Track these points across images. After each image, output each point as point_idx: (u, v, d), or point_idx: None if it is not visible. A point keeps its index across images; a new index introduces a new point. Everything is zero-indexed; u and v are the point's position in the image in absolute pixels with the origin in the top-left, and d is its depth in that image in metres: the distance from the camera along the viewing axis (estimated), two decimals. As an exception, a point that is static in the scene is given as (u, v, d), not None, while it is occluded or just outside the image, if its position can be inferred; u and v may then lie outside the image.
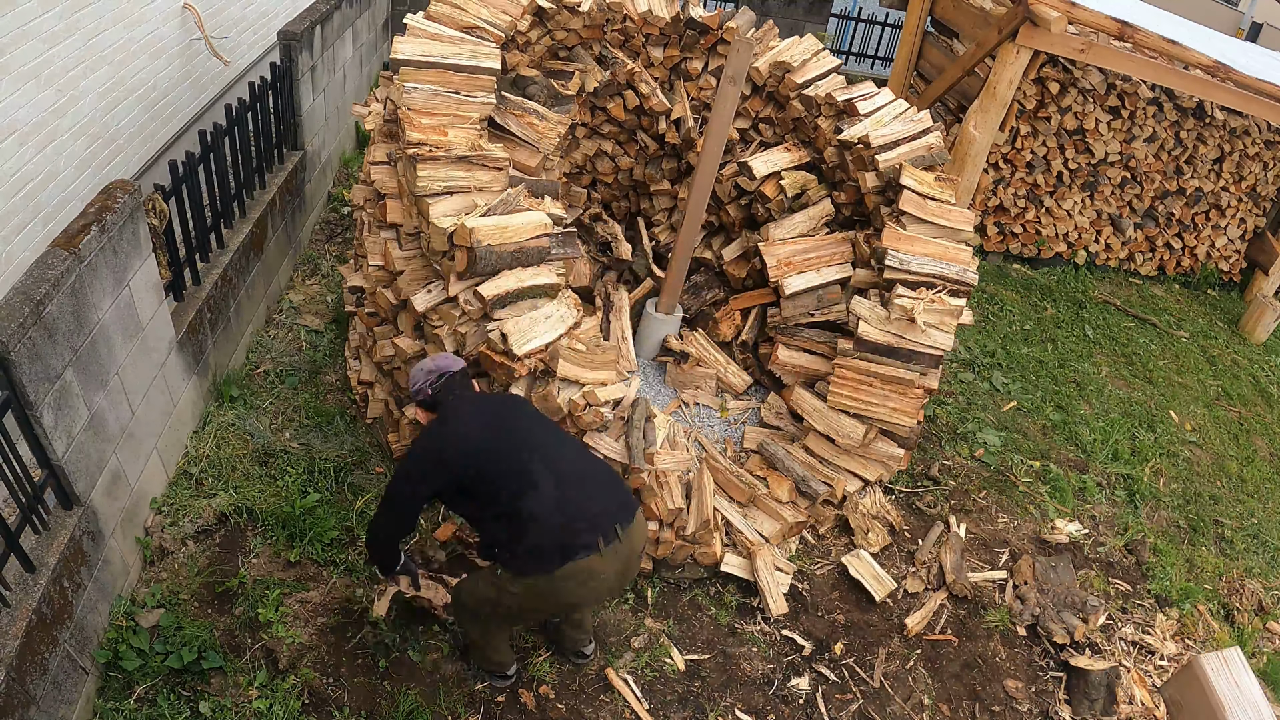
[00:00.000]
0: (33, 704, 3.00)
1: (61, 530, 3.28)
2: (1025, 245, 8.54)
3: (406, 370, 4.51)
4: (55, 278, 3.09)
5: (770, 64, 5.72)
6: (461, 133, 4.33)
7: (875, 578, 4.78)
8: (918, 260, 4.83)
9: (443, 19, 4.87)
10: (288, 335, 5.55)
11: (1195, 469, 6.45)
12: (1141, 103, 8.04)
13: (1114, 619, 4.99)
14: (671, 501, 4.28)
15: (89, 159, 5.03)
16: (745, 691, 4.17)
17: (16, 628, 2.94)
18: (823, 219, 5.64)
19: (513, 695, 3.87)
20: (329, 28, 6.57)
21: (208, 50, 6.21)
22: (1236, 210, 9.07)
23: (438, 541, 4.41)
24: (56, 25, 4.59)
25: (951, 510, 5.38)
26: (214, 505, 4.24)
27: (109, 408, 3.58)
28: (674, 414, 5.31)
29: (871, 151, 5.28)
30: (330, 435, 4.87)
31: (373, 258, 4.63)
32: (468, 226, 3.90)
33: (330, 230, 6.75)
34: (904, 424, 4.79)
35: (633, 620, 4.34)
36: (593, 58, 5.79)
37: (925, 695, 4.36)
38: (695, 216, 5.53)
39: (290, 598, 4.00)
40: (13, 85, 4.28)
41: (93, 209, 3.46)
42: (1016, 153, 8.01)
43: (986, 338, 7.21)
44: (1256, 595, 5.45)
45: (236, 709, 3.54)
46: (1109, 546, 5.46)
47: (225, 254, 4.89)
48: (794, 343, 5.30)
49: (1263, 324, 8.63)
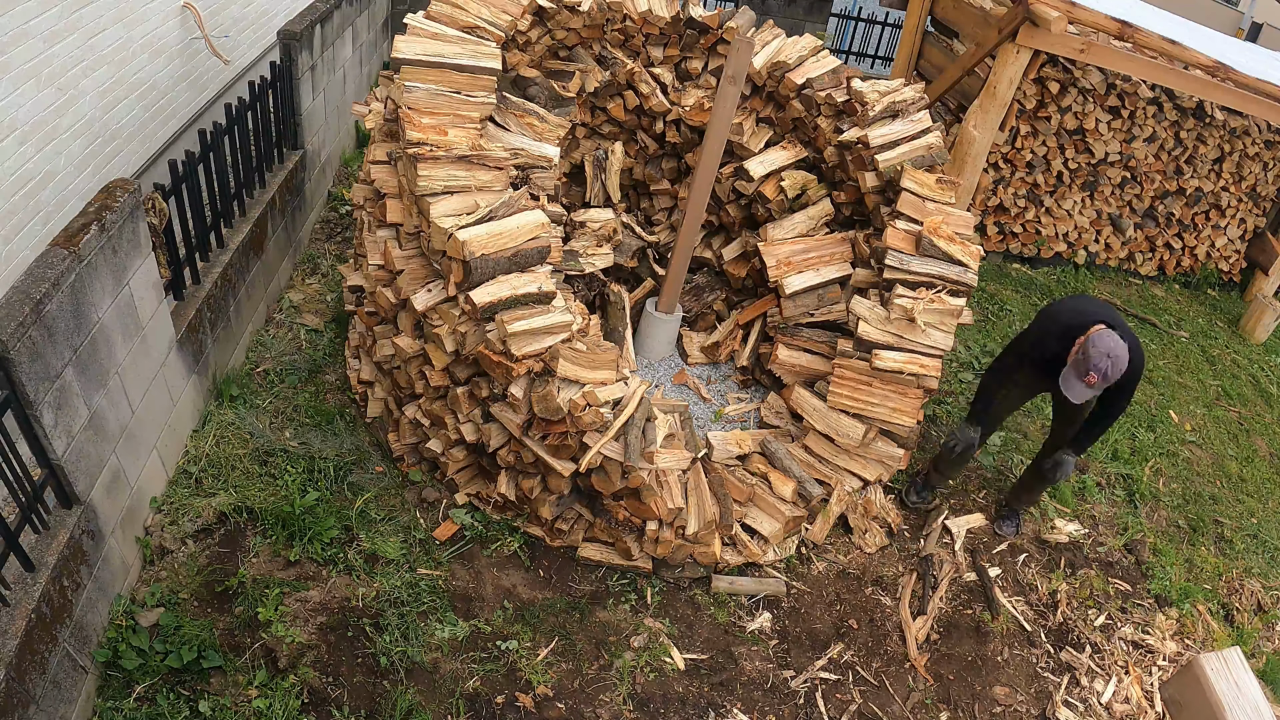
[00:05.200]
0: (32, 703, 3.00)
1: (61, 529, 3.28)
2: (1025, 245, 8.54)
3: (406, 370, 4.52)
4: (55, 277, 3.09)
5: (770, 63, 5.72)
6: (462, 132, 4.33)
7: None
8: (917, 260, 4.83)
9: (443, 18, 4.87)
10: (287, 334, 5.55)
11: (1195, 469, 6.45)
12: (1141, 103, 8.04)
13: (1113, 619, 4.99)
14: (671, 501, 4.28)
15: (89, 158, 5.03)
16: (745, 691, 4.17)
17: (16, 627, 2.94)
18: (822, 219, 5.65)
19: (512, 695, 3.87)
20: (329, 27, 6.57)
21: (207, 49, 6.20)
22: (1236, 210, 9.06)
23: (437, 541, 4.42)
24: (56, 24, 4.59)
25: (951, 510, 5.38)
26: (214, 504, 4.24)
27: (109, 407, 3.58)
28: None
29: (871, 151, 5.28)
30: (330, 434, 4.87)
31: (373, 257, 4.63)
32: (459, 239, 3.89)
33: (330, 229, 6.75)
34: (904, 424, 4.79)
35: (632, 620, 4.34)
36: (592, 57, 5.79)
37: (925, 695, 4.36)
38: (695, 216, 5.53)
39: (290, 597, 4.00)
40: (12, 84, 4.28)
41: (92, 208, 3.46)
42: (1016, 152, 8.01)
43: (986, 338, 7.21)
44: (1256, 595, 5.46)
45: (236, 708, 3.54)
46: (1109, 546, 5.46)
47: (225, 253, 4.89)
48: (794, 342, 5.30)
49: (1262, 324, 8.62)
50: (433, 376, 4.39)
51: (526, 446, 4.16)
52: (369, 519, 4.45)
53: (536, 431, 4.13)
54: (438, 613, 4.11)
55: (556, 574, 4.49)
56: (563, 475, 4.15)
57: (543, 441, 4.13)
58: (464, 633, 4.05)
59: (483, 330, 4.03)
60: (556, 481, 4.26)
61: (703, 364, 5.98)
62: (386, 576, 4.18)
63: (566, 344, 4.00)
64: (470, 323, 4.10)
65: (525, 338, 3.95)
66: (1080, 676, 4.64)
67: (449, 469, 4.58)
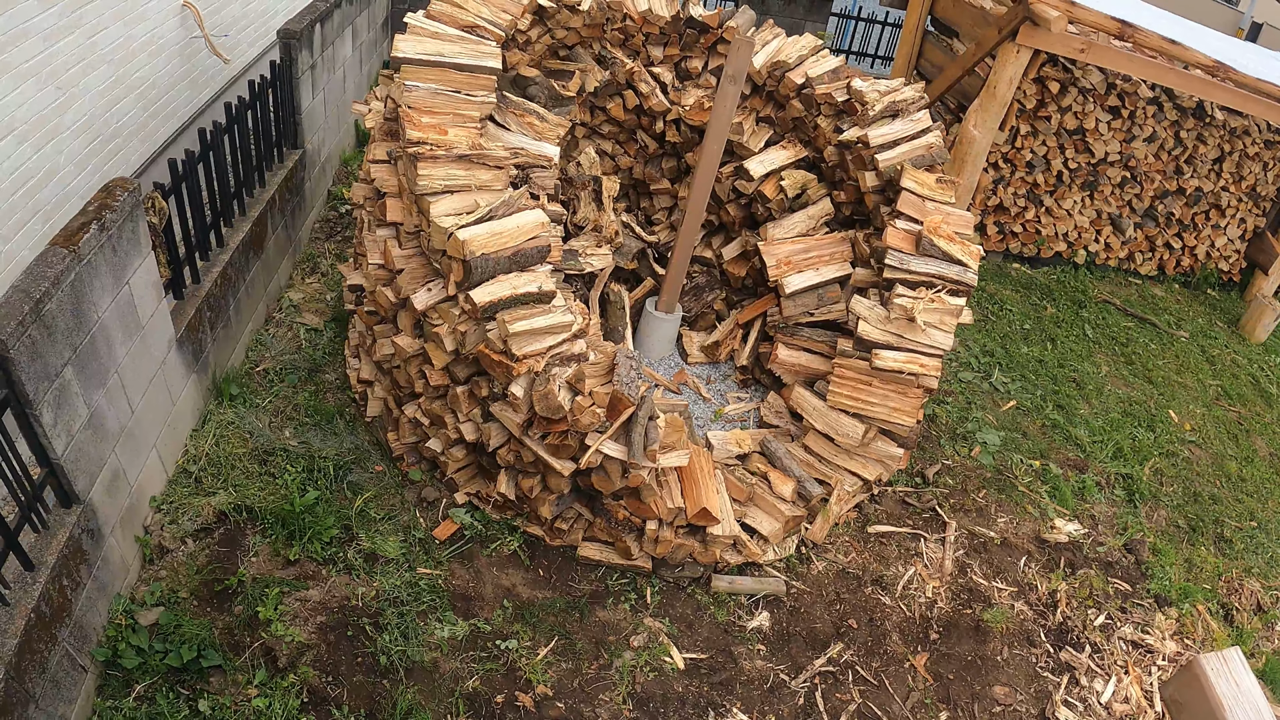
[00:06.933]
0: (32, 702, 2.99)
1: (61, 529, 3.28)
2: (1025, 245, 8.54)
3: (406, 369, 4.52)
4: (55, 276, 3.09)
5: (770, 63, 5.72)
6: (462, 131, 4.32)
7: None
8: (917, 259, 4.83)
9: (443, 18, 4.86)
10: (287, 333, 5.55)
11: (1195, 469, 6.45)
12: (1141, 103, 8.04)
13: (1113, 619, 4.99)
14: (671, 501, 4.28)
15: (89, 157, 5.03)
16: (745, 691, 4.17)
17: (16, 626, 2.94)
18: (822, 218, 5.64)
19: (512, 695, 3.87)
20: (329, 26, 6.57)
21: (207, 48, 6.20)
22: (1236, 210, 9.06)
23: (437, 540, 4.42)
24: (57, 23, 4.59)
25: (951, 510, 5.38)
26: (213, 503, 4.24)
27: (108, 406, 3.57)
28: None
29: (871, 151, 5.27)
30: (330, 433, 4.87)
31: (372, 256, 4.63)
32: (459, 238, 3.89)
33: (330, 228, 6.74)
34: (903, 424, 4.79)
35: (632, 619, 4.34)
36: (592, 57, 5.78)
37: (925, 695, 4.36)
38: (695, 215, 5.53)
39: (289, 596, 4.00)
40: (13, 83, 4.28)
41: (92, 207, 3.45)
42: (1016, 152, 8.01)
43: (986, 337, 7.21)
44: (1256, 595, 5.46)
45: (236, 707, 3.54)
46: (1108, 546, 5.46)
47: (225, 252, 4.88)
48: (794, 342, 5.30)
49: (1262, 324, 8.63)
50: (432, 376, 4.39)
51: (526, 446, 4.16)
52: (368, 518, 4.45)
53: (536, 431, 4.13)
54: (437, 612, 4.11)
55: (556, 573, 4.49)
56: (562, 474, 4.14)
57: (543, 441, 4.13)
58: (464, 632, 4.05)
59: (483, 329, 4.03)
60: (556, 481, 4.26)
61: (702, 363, 5.97)
62: (386, 576, 4.18)
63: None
64: (470, 322, 4.10)
65: (526, 337, 3.95)
66: (1080, 676, 4.64)
67: (449, 468, 4.58)
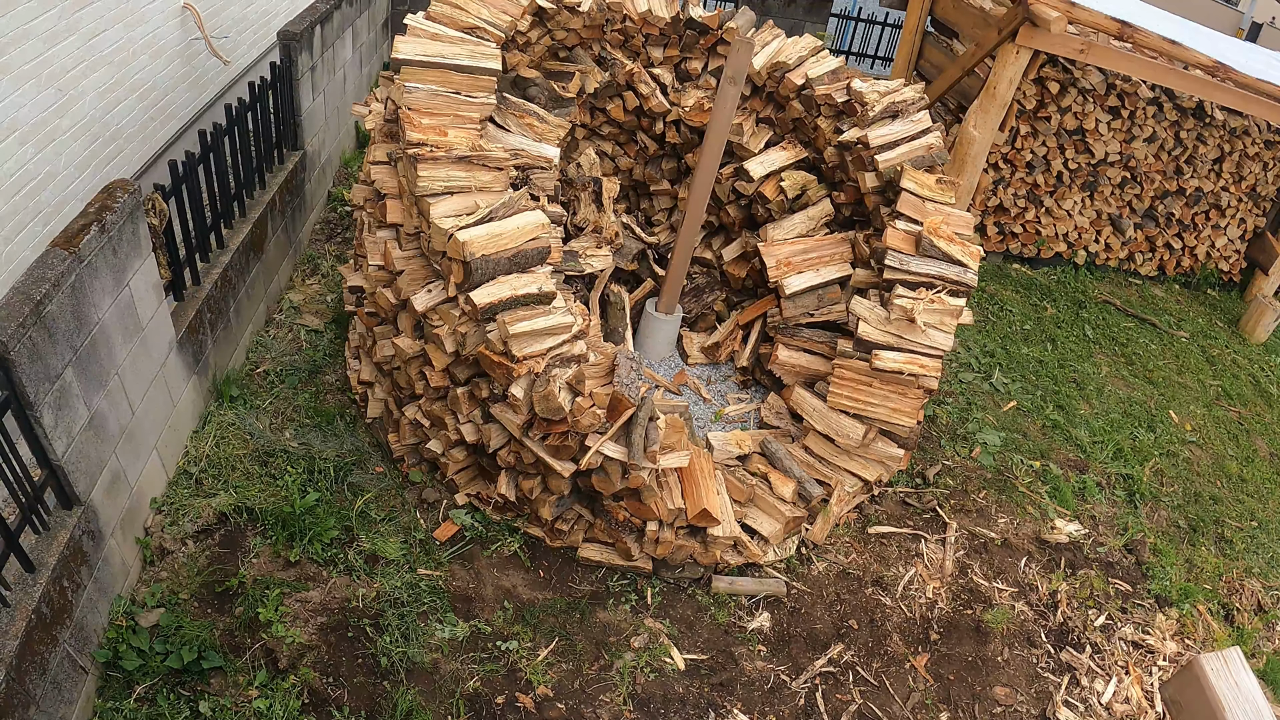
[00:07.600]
0: (33, 704, 3.00)
1: (61, 530, 3.28)
2: (1025, 245, 8.54)
3: (406, 370, 4.52)
4: (55, 277, 3.09)
5: (770, 64, 5.72)
6: (462, 133, 4.33)
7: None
8: (917, 260, 4.83)
9: (443, 19, 4.87)
10: (287, 335, 5.56)
11: (1195, 469, 6.45)
12: (1141, 103, 8.04)
13: (1114, 619, 4.99)
14: (671, 502, 4.28)
15: (89, 159, 5.03)
16: (745, 691, 4.17)
17: (16, 627, 2.94)
18: (822, 219, 5.65)
19: (512, 696, 3.87)
20: (329, 28, 6.57)
21: (208, 50, 6.20)
22: (1236, 210, 9.06)
23: (437, 542, 4.42)
24: (57, 25, 4.59)
25: (952, 511, 5.38)
26: (214, 505, 4.24)
27: (109, 408, 3.58)
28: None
29: (871, 152, 5.28)
30: (330, 435, 4.87)
31: (373, 257, 4.63)
32: (459, 240, 3.89)
33: (330, 230, 6.75)
34: (904, 424, 4.79)
35: (633, 620, 4.34)
36: (592, 58, 5.79)
37: (925, 695, 4.36)
38: (695, 216, 5.53)
39: (290, 597, 4.00)
40: (13, 85, 4.29)
41: (93, 208, 3.46)
42: (1016, 153, 8.01)
43: (986, 338, 7.21)
44: (1256, 595, 5.46)
45: (236, 709, 3.54)
46: (1109, 546, 5.46)
47: (225, 254, 4.89)
48: (794, 343, 5.30)
49: (1263, 324, 8.62)
50: (433, 377, 4.39)
51: (527, 447, 4.16)
52: (369, 519, 4.46)
53: (537, 432, 4.13)
54: (438, 613, 4.11)
55: (556, 574, 4.49)
56: (563, 476, 4.15)
57: (543, 442, 4.13)
58: (464, 633, 4.06)
59: (483, 331, 4.03)
60: (556, 482, 4.26)
61: (703, 364, 5.98)
62: (386, 577, 4.18)
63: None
64: (470, 323, 4.10)
65: (526, 339, 3.95)
66: (1080, 677, 4.64)
67: (449, 469, 4.58)
